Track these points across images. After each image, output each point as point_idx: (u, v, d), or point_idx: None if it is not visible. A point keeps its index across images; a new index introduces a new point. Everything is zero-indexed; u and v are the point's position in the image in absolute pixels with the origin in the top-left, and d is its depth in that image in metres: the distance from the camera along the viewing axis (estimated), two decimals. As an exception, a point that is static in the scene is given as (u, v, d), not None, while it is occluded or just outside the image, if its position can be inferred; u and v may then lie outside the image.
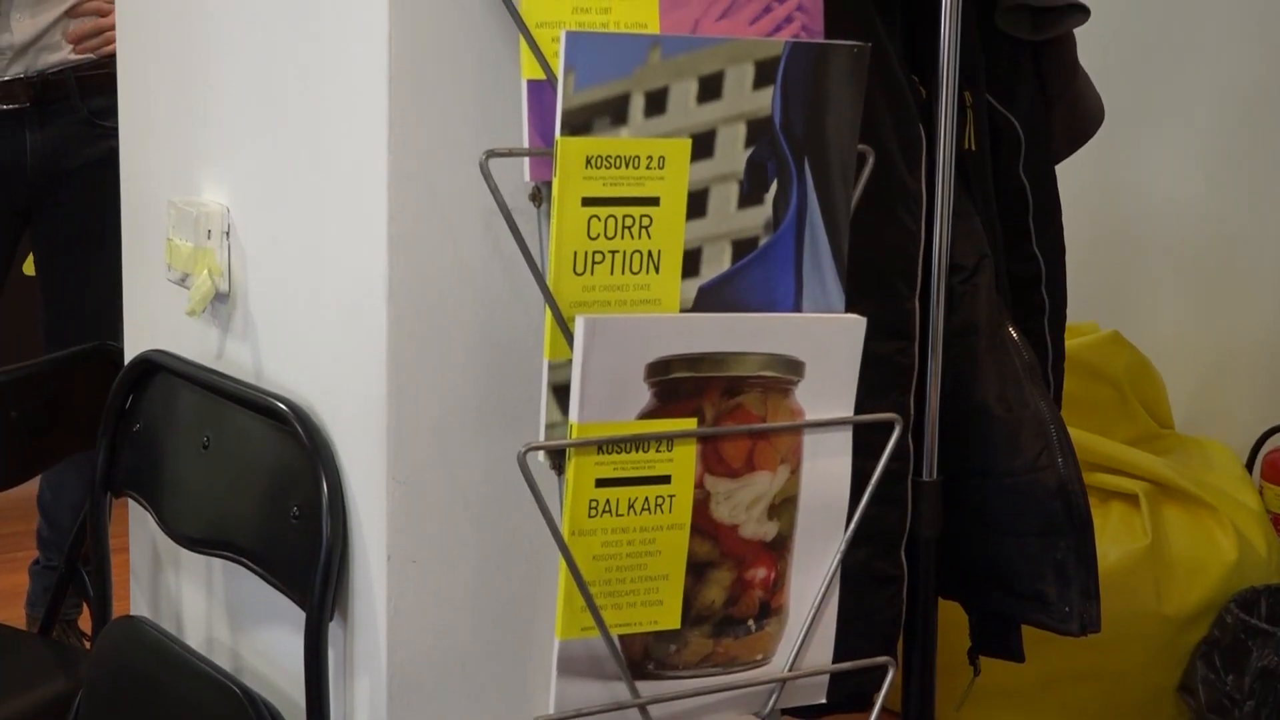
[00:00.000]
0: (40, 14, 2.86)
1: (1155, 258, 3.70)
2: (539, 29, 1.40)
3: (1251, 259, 3.52)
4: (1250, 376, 3.53)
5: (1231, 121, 3.57)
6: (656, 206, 1.39)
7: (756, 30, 1.49)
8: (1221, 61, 3.57)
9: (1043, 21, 1.98)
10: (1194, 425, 3.52)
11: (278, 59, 1.64)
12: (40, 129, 2.91)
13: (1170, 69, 3.68)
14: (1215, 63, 3.58)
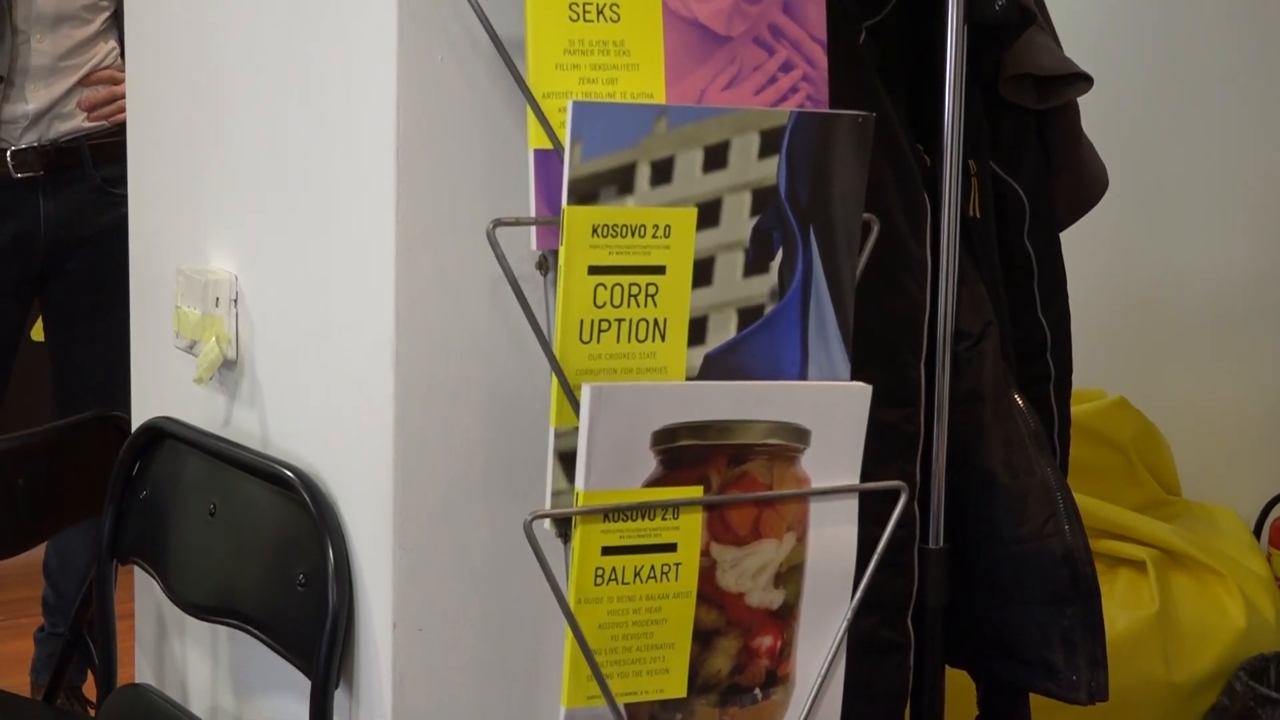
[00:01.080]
0: (54, 83, 2.89)
1: (1161, 323, 3.70)
2: (546, 99, 1.41)
3: (1257, 325, 3.52)
4: (1257, 442, 3.52)
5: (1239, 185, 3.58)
6: (662, 275, 1.39)
7: (761, 100, 1.50)
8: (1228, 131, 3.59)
9: (1046, 90, 1.99)
10: (1201, 491, 3.51)
11: (287, 128, 1.66)
12: (53, 197, 2.93)
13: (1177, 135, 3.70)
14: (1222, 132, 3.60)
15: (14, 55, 2.83)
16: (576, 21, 1.42)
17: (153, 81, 1.96)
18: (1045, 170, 2.05)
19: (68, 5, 2.87)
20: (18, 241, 2.90)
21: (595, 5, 1.43)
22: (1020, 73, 1.95)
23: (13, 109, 2.86)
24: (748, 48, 1.50)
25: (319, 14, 1.58)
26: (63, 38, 2.88)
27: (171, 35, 1.89)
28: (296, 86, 1.64)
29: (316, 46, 1.59)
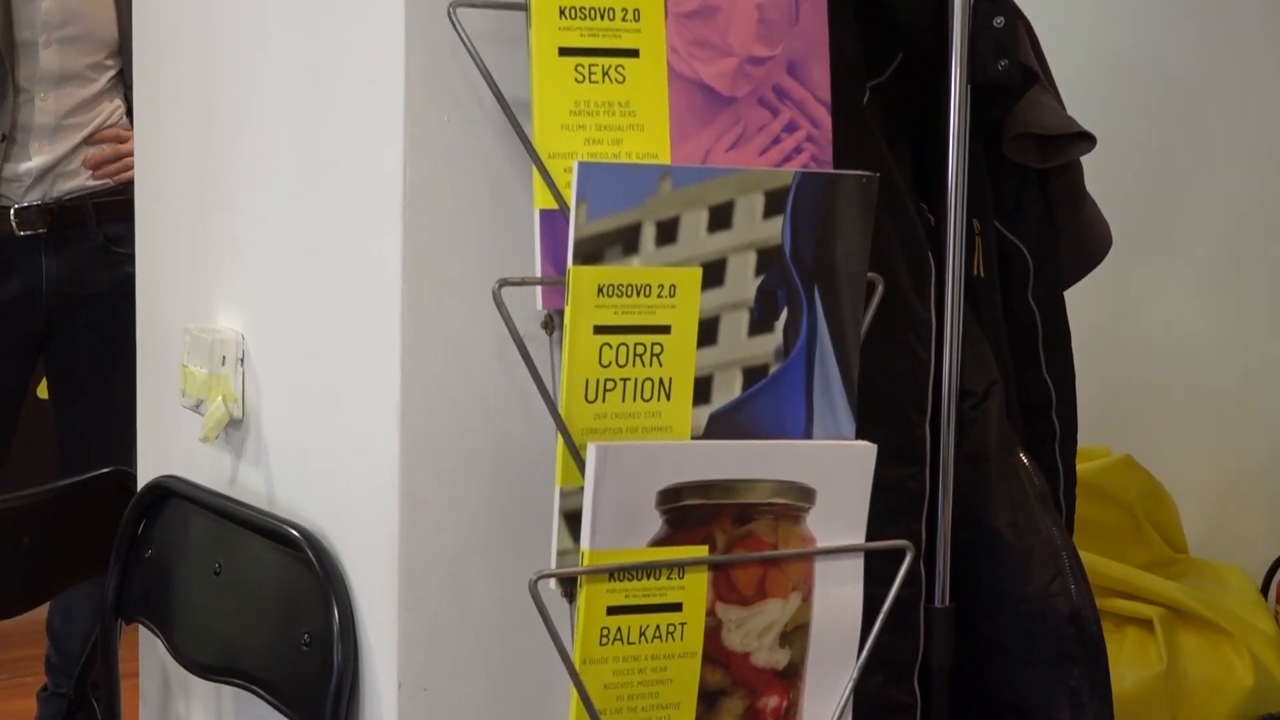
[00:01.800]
0: (58, 142, 2.90)
1: (1167, 381, 3.70)
2: (551, 160, 1.42)
3: (1264, 383, 3.52)
4: (1264, 500, 3.52)
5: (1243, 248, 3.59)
6: (668, 334, 1.40)
7: (766, 161, 1.51)
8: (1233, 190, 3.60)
9: (1050, 149, 2.00)
10: (1208, 549, 3.50)
11: (294, 187, 1.67)
12: (56, 255, 2.94)
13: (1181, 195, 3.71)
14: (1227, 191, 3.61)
15: (17, 113, 2.85)
16: (582, 83, 1.43)
17: (160, 139, 1.97)
18: (1049, 229, 2.05)
19: (72, 64, 2.89)
20: (21, 299, 2.91)
21: (601, 67, 1.44)
22: (1023, 132, 1.96)
23: (15, 167, 2.88)
24: (752, 108, 1.50)
25: (327, 74, 1.60)
26: (66, 96, 2.90)
27: (180, 93, 1.91)
28: (304, 145, 1.65)
29: (324, 106, 1.60)
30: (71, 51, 2.89)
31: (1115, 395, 3.66)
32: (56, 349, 3.01)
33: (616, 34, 1.44)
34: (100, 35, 2.91)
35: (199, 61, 1.85)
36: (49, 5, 2.86)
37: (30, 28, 2.84)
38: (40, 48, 2.85)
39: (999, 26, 1.84)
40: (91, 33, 2.90)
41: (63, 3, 2.87)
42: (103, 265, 2.96)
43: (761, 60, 1.50)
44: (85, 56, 2.90)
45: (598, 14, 1.44)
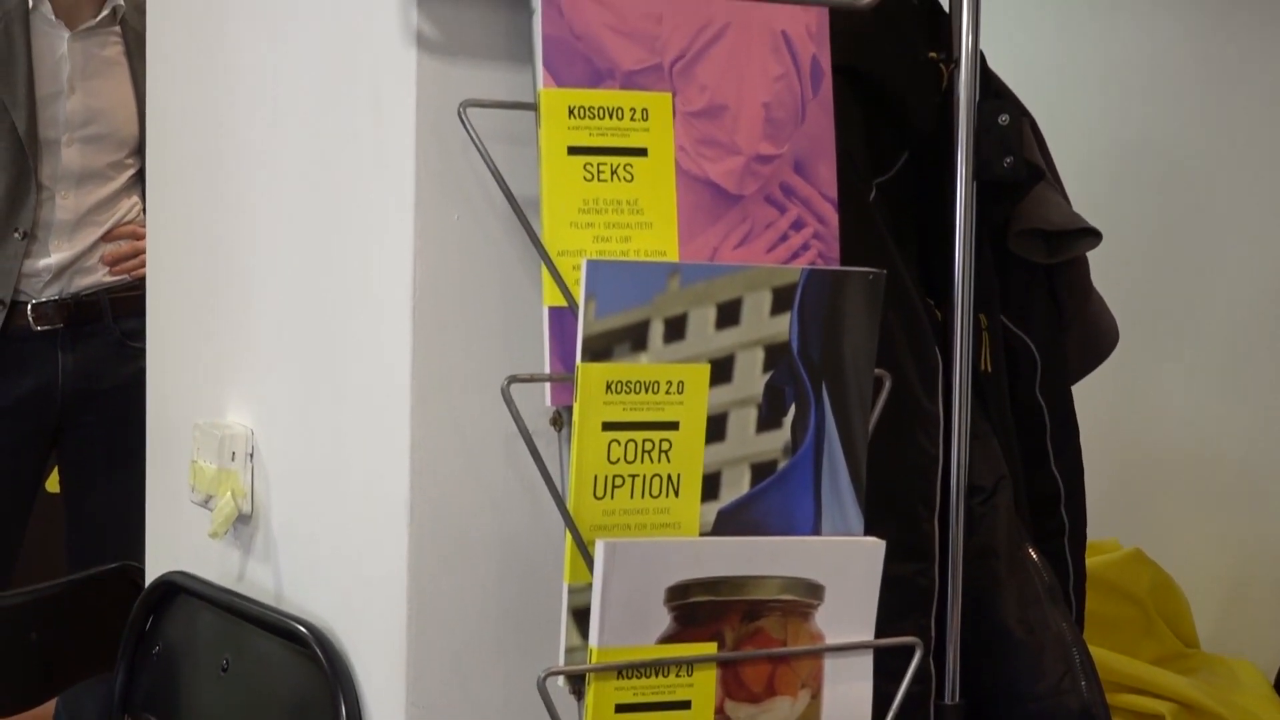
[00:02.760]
0: (77, 238, 2.92)
1: (1175, 474, 3.70)
2: (560, 257, 1.43)
3: (1274, 473, 3.51)
4: (1275, 594, 3.50)
5: (1248, 340, 3.59)
6: (676, 431, 1.40)
7: (773, 258, 1.52)
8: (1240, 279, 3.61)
9: (1056, 245, 2.01)
10: (1219, 644, 3.48)
11: (305, 283, 1.68)
12: (73, 350, 2.95)
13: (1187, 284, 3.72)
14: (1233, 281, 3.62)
15: (38, 211, 2.87)
16: (591, 181, 1.45)
17: (173, 235, 1.98)
18: (1056, 324, 2.06)
19: (93, 162, 2.92)
20: (36, 395, 2.92)
21: (610, 165, 1.45)
22: (1029, 228, 1.98)
23: (34, 263, 2.89)
24: (760, 206, 1.52)
25: (338, 172, 1.61)
26: (87, 194, 2.92)
27: (192, 189, 1.92)
28: (315, 242, 1.66)
29: (335, 203, 1.62)
30: (93, 150, 2.91)
31: (1124, 487, 3.65)
32: (70, 443, 3.01)
33: (625, 133, 1.46)
34: (122, 134, 2.94)
35: (211, 156, 1.87)
36: (73, 105, 2.89)
37: (54, 126, 2.87)
38: (63, 146, 2.88)
39: (1004, 124, 1.86)
40: (113, 132, 2.93)
41: (86, 102, 2.90)
42: (118, 360, 2.96)
43: (769, 158, 1.52)
44: (106, 155, 2.93)
45: (606, 113, 1.45)
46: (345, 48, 1.58)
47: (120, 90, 2.96)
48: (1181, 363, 3.69)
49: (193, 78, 1.91)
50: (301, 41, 1.66)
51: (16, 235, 2.85)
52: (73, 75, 2.90)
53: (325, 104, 1.63)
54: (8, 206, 2.85)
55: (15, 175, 2.84)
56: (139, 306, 2.61)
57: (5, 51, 2.84)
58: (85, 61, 2.92)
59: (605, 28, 1.46)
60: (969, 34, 1.86)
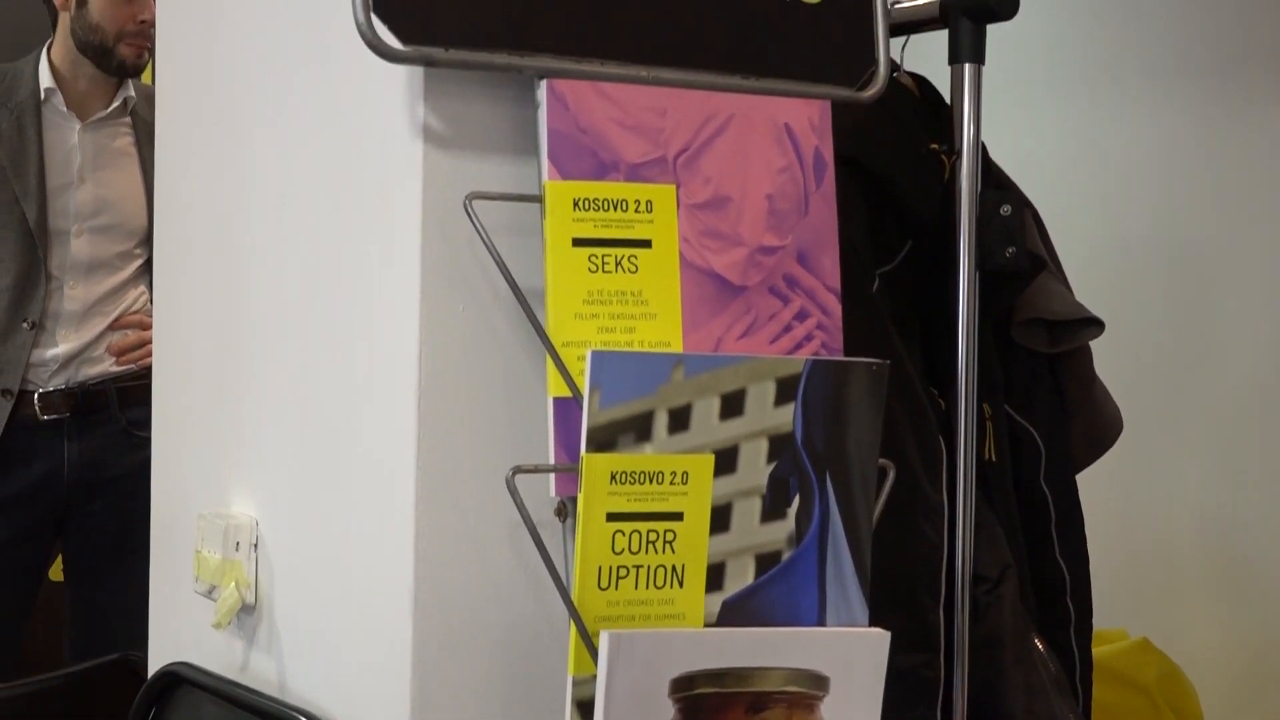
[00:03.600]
0: (85, 328, 2.94)
1: (1183, 563, 3.68)
2: (565, 348, 1.44)
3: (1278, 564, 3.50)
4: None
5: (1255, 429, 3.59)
6: (680, 521, 1.40)
7: (777, 348, 1.52)
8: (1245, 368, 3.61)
9: (1059, 335, 2.02)
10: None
11: (311, 373, 1.68)
12: (79, 439, 2.95)
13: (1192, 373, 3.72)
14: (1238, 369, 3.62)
15: (47, 301, 2.89)
16: (596, 273, 1.46)
17: (179, 325, 1.99)
18: (1060, 413, 2.06)
19: (102, 253, 2.94)
20: (42, 484, 2.93)
21: (614, 257, 1.46)
22: (1032, 317, 1.98)
23: (42, 353, 2.91)
24: (763, 297, 1.53)
25: (344, 263, 1.62)
26: (95, 284, 2.94)
27: (199, 279, 1.94)
28: (321, 331, 1.67)
29: (341, 294, 1.63)
30: (102, 240, 2.94)
31: (1131, 576, 3.64)
32: (74, 532, 3.01)
33: (629, 225, 1.47)
34: (131, 225, 2.97)
35: (218, 246, 1.88)
36: (83, 195, 2.91)
37: (64, 217, 2.90)
38: (72, 237, 2.90)
39: (1006, 214, 1.87)
40: (123, 222, 2.96)
41: (97, 193, 2.93)
42: (124, 449, 2.97)
43: (772, 250, 1.53)
44: (115, 245, 2.95)
45: (611, 205, 1.47)
46: (352, 140, 1.59)
47: (130, 181, 2.98)
48: (1187, 451, 3.69)
49: (201, 169, 1.92)
50: (309, 134, 1.68)
51: (25, 325, 2.87)
52: (83, 166, 2.92)
53: (332, 196, 1.64)
54: (17, 296, 2.87)
55: (25, 266, 2.86)
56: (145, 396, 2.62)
57: (17, 143, 2.86)
58: (96, 152, 2.94)
59: (610, 121, 1.47)
60: (970, 125, 1.88)
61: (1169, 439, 3.68)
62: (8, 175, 2.85)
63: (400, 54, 1.42)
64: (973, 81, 1.88)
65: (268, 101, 1.76)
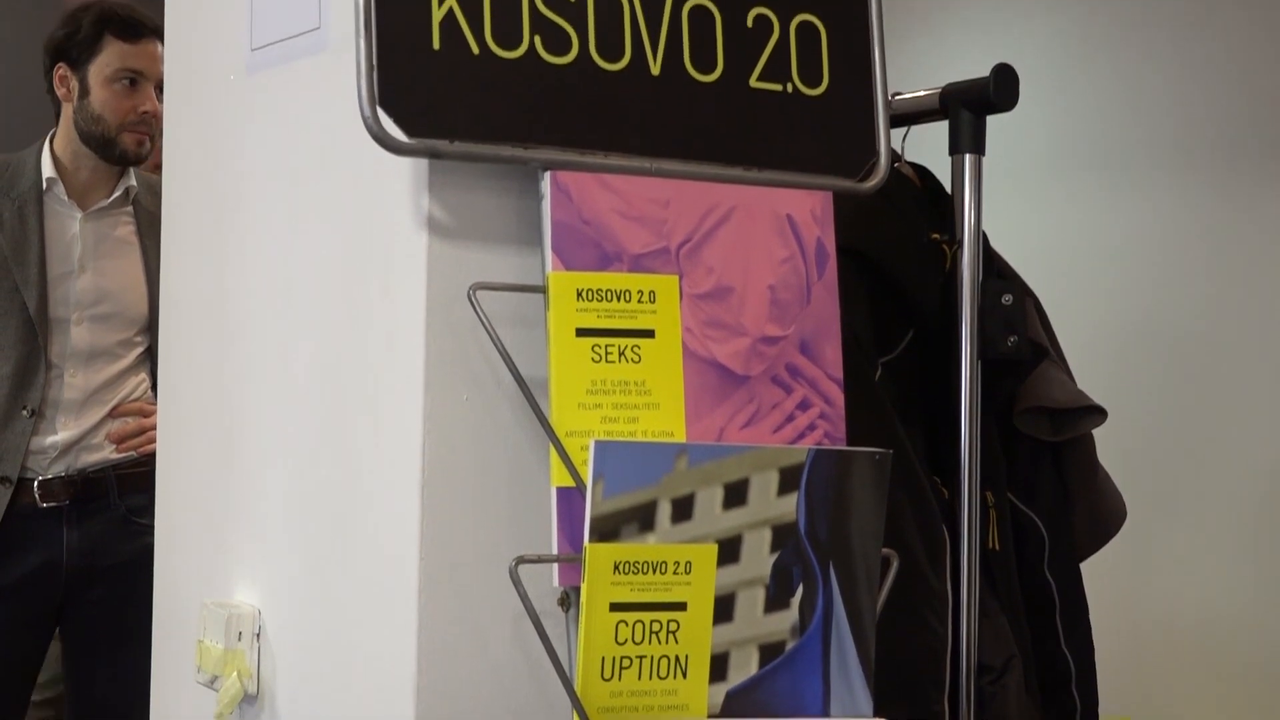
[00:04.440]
0: (84, 416, 2.94)
1: (1188, 650, 3.66)
2: (569, 438, 1.44)
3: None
4: (1291, 773, 3.46)
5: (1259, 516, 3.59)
6: (684, 612, 1.40)
7: (780, 438, 1.53)
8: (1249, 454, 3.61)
9: (1061, 423, 2.02)
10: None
11: (315, 463, 1.69)
12: (77, 526, 2.94)
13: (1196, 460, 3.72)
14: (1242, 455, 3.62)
15: (47, 389, 2.89)
16: (599, 363, 1.46)
17: (183, 413, 1.99)
18: (1063, 501, 2.06)
19: (102, 341, 2.94)
20: (41, 572, 2.91)
21: (618, 347, 1.47)
22: (1034, 406, 1.99)
23: (41, 440, 2.90)
24: (766, 386, 1.53)
25: (349, 351, 1.63)
26: (95, 372, 2.94)
27: (203, 368, 1.94)
28: (325, 421, 1.67)
29: (345, 383, 1.63)
30: (102, 329, 2.94)
31: (1137, 664, 3.62)
32: (73, 620, 3.00)
33: (633, 315, 1.48)
34: (131, 313, 2.97)
35: (223, 335, 1.89)
36: (84, 284, 2.92)
37: (64, 305, 2.90)
38: (72, 325, 2.91)
39: (1008, 303, 1.88)
40: (123, 310, 2.96)
41: (97, 282, 2.94)
42: (123, 537, 2.96)
43: (775, 340, 1.54)
44: (115, 334, 2.96)
45: (614, 296, 1.47)
46: (358, 230, 1.60)
47: (131, 269, 2.99)
48: (1191, 538, 3.68)
49: (207, 257, 1.93)
50: (315, 223, 1.69)
51: (25, 413, 2.87)
52: (84, 255, 2.94)
53: (337, 285, 1.65)
54: (17, 384, 2.87)
55: (25, 354, 2.87)
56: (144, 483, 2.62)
57: (19, 232, 2.88)
58: (97, 241, 2.96)
59: (613, 212, 1.48)
60: (971, 215, 1.89)
61: (1174, 526, 3.67)
62: (9, 264, 2.87)
63: (406, 146, 1.43)
64: (973, 172, 1.90)
65: (274, 192, 1.78)
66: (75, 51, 2.96)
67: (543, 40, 1.49)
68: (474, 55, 1.46)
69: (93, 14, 2.97)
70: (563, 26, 1.50)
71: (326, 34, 1.64)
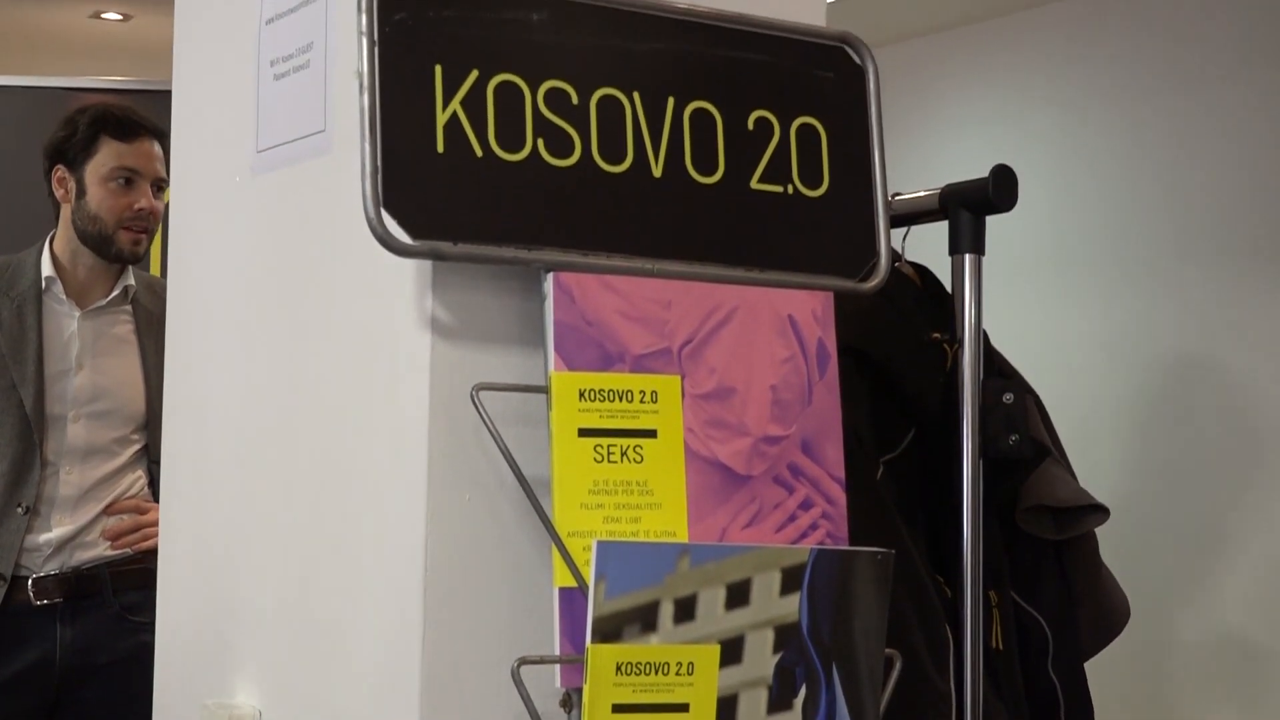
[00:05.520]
0: (80, 513, 2.93)
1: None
2: (571, 538, 1.44)
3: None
4: None
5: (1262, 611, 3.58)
6: (686, 713, 1.39)
7: (782, 537, 1.52)
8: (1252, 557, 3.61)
9: (1064, 521, 2.02)
10: None
11: (316, 561, 1.68)
12: (71, 624, 2.93)
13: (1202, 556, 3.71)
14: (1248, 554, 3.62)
15: (42, 486, 2.89)
16: (601, 463, 1.46)
17: (184, 513, 1.99)
18: (1067, 600, 2.06)
19: (98, 438, 2.95)
20: (34, 670, 2.90)
21: (620, 447, 1.47)
22: (1037, 504, 1.98)
23: (35, 538, 2.90)
24: (768, 486, 1.53)
25: (352, 451, 1.63)
26: (91, 469, 2.94)
27: (206, 467, 1.94)
28: (327, 520, 1.67)
29: (348, 482, 1.63)
30: (99, 426, 2.95)
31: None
32: (67, 718, 2.98)
33: (635, 415, 1.48)
34: (128, 411, 2.98)
35: (226, 434, 1.89)
36: (81, 382, 2.93)
37: (61, 402, 2.91)
38: (69, 422, 2.92)
39: (1009, 402, 1.88)
40: (120, 408, 2.97)
41: (94, 379, 2.95)
42: (117, 634, 2.95)
43: (776, 440, 1.54)
44: (112, 431, 2.96)
45: (616, 396, 1.48)
46: (362, 331, 1.61)
47: (129, 367, 3.00)
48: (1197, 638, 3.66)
49: (211, 358, 1.94)
50: (319, 323, 1.70)
51: (19, 510, 2.86)
52: (81, 353, 2.95)
53: (341, 385, 1.65)
54: (12, 482, 2.87)
55: (21, 451, 2.87)
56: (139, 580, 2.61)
57: (17, 331, 2.89)
58: (95, 339, 2.97)
59: (616, 313, 1.49)
60: (971, 314, 1.90)
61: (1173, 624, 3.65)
62: (7, 362, 2.88)
63: (410, 248, 1.44)
64: (973, 271, 1.91)
65: (279, 292, 1.79)
66: (72, 153, 2.99)
67: (545, 143, 1.50)
68: (477, 158, 1.47)
69: (89, 115, 3.00)
70: (565, 129, 1.51)
71: (331, 136, 1.65)
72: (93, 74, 6.07)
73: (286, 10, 1.74)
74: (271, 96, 1.77)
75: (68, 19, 7.13)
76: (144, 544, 2.94)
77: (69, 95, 4.13)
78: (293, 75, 1.72)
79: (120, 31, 7.30)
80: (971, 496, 1.86)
